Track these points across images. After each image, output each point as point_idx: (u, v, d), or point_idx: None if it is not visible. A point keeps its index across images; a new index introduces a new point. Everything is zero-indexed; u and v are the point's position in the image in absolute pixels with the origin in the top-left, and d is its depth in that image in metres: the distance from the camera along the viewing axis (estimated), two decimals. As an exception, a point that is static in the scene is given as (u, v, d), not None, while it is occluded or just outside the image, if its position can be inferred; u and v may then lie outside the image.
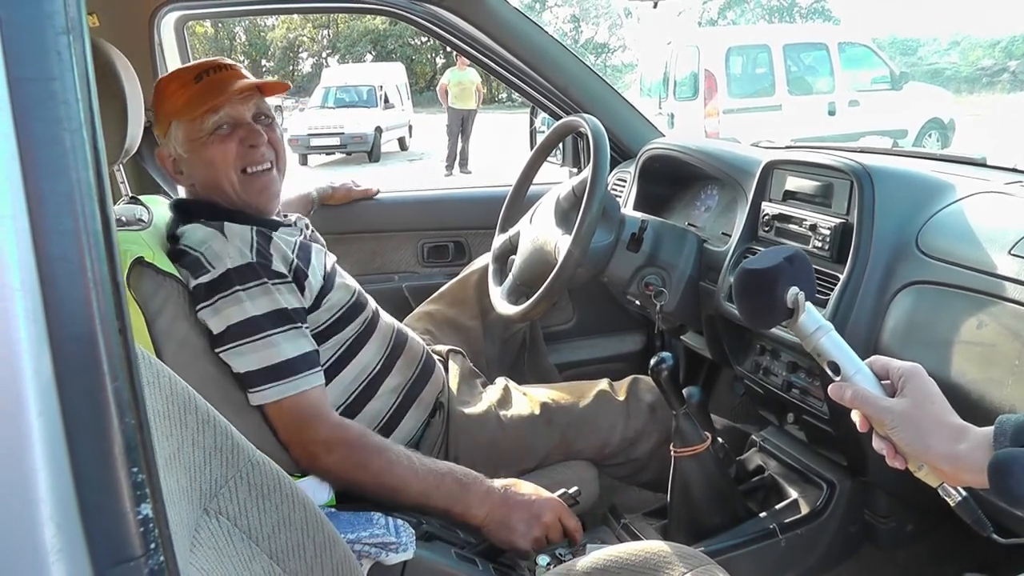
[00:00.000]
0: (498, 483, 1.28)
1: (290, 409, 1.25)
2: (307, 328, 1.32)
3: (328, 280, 1.41)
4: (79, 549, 0.34)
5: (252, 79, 1.39)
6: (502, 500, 1.25)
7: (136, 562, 0.35)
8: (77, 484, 0.34)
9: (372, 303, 1.51)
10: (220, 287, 1.25)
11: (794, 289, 0.81)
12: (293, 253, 1.35)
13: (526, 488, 1.29)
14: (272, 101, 1.44)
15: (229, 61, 1.40)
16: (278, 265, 1.31)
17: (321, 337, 1.37)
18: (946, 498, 0.80)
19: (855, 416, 0.81)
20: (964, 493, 0.80)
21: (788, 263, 0.82)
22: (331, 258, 1.49)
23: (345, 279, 1.48)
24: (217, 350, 1.25)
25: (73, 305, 0.33)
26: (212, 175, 1.35)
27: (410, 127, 15.38)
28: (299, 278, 1.34)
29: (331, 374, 1.38)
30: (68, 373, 0.34)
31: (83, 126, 0.33)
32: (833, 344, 0.82)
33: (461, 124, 11.32)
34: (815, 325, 0.82)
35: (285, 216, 1.50)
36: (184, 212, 1.38)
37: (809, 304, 0.82)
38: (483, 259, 1.90)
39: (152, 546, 0.35)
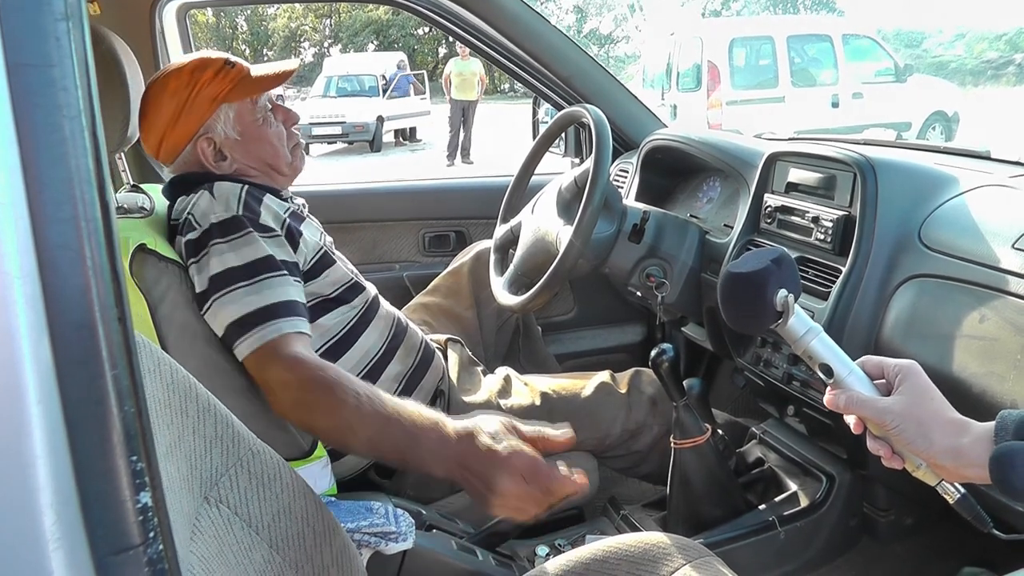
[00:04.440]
0: (455, 431, 1.04)
1: (266, 354, 1.18)
2: (299, 281, 1.28)
3: (326, 255, 1.40)
4: (78, 537, 0.34)
5: (278, 67, 1.42)
6: (457, 461, 1.02)
7: (135, 551, 0.35)
8: (76, 472, 0.34)
9: (372, 288, 1.51)
10: (204, 242, 1.23)
11: (783, 292, 0.79)
12: (285, 214, 1.34)
13: (484, 437, 1.02)
14: (272, 91, 1.44)
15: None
16: (267, 220, 1.28)
17: (326, 307, 1.37)
18: (945, 495, 0.79)
19: (849, 419, 0.80)
20: (963, 490, 0.79)
21: (775, 265, 0.80)
22: (327, 238, 1.48)
23: (345, 261, 1.48)
24: (202, 311, 1.22)
25: (73, 293, 0.33)
26: (270, 154, 1.39)
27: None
28: (292, 236, 1.32)
29: (334, 356, 1.38)
30: (67, 361, 0.33)
31: (82, 113, 0.33)
32: (824, 346, 0.80)
33: (462, 115, 11.30)
34: (804, 328, 0.80)
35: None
36: (179, 187, 1.36)
37: (798, 306, 0.80)
38: (473, 248, 1.90)
39: (151, 535, 0.35)
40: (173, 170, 1.40)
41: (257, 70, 1.39)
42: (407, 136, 14.94)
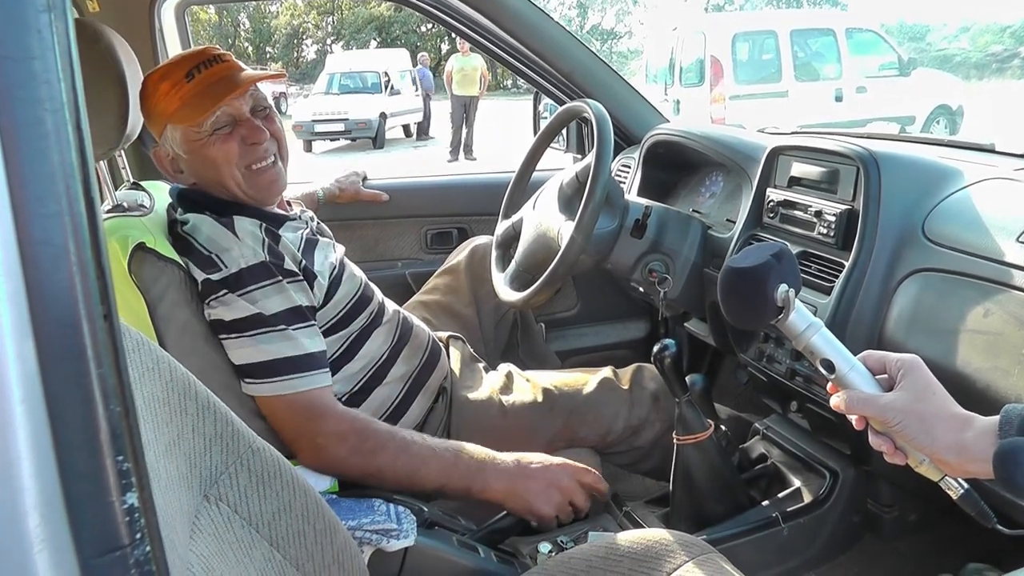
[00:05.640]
0: (508, 457, 1.29)
1: (298, 404, 1.24)
2: (318, 326, 1.32)
3: (336, 275, 1.39)
4: (64, 539, 0.34)
5: (247, 72, 1.34)
6: (518, 473, 1.27)
7: (122, 552, 0.34)
8: (61, 473, 0.33)
9: (378, 294, 1.51)
10: (233, 286, 1.24)
11: (784, 286, 0.78)
12: (300, 252, 1.34)
13: (535, 457, 1.31)
14: (276, 87, 1.42)
15: (219, 50, 1.35)
16: (289, 263, 1.29)
17: (329, 331, 1.36)
18: (948, 491, 0.79)
19: (851, 414, 0.80)
20: (966, 486, 0.79)
21: (775, 260, 0.79)
22: (339, 249, 1.47)
23: (353, 271, 1.47)
24: (223, 336, 1.24)
25: (57, 290, 0.33)
26: (216, 174, 1.33)
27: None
28: (308, 277, 1.33)
29: (338, 365, 1.38)
30: (52, 359, 0.33)
31: (65, 106, 0.32)
32: (825, 341, 0.79)
33: (464, 111, 11.30)
34: (805, 323, 0.79)
35: (289, 207, 1.48)
36: (188, 201, 1.36)
37: (798, 302, 0.79)
38: (468, 245, 1.89)
39: (138, 536, 0.35)
40: None
41: (213, 87, 1.29)
42: (420, 131, 14.93)
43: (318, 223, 1.53)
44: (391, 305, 1.53)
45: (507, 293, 1.62)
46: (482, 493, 1.25)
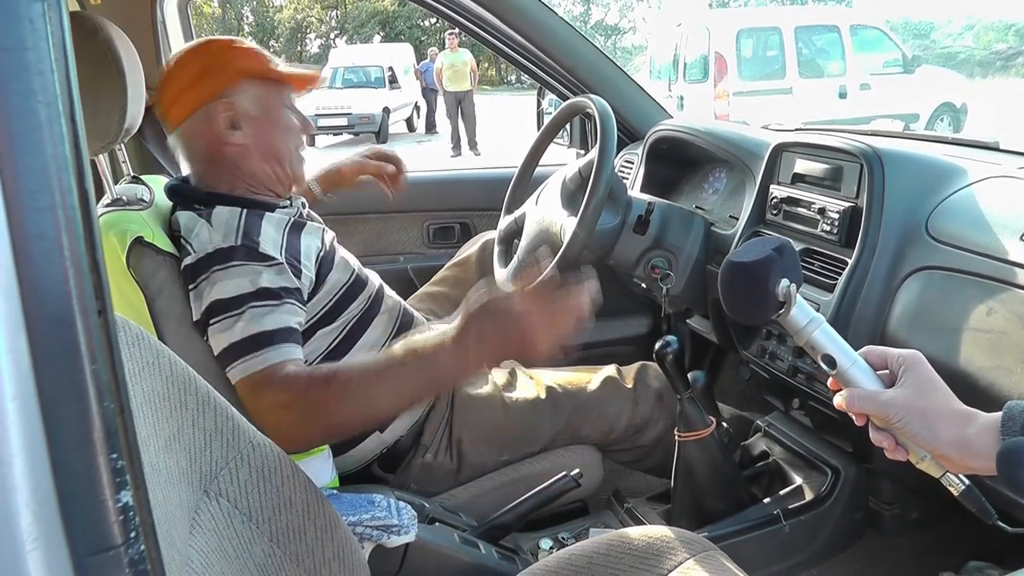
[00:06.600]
0: (462, 324, 1.08)
1: (251, 385, 1.16)
2: (297, 306, 1.25)
3: (326, 258, 1.38)
4: (57, 538, 0.33)
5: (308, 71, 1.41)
6: (488, 342, 1.07)
7: (116, 551, 0.34)
8: (54, 471, 0.33)
9: (376, 280, 1.49)
10: (201, 270, 1.21)
11: (785, 281, 0.77)
12: (283, 237, 1.30)
13: (495, 303, 1.08)
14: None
15: None
16: (267, 247, 1.25)
17: (324, 320, 1.35)
18: (949, 488, 0.78)
19: (852, 412, 0.79)
20: (967, 482, 0.78)
21: (777, 254, 0.78)
22: (329, 235, 1.46)
23: (345, 256, 1.46)
24: (205, 336, 1.23)
25: (50, 285, 0.32)
26: (280, 142, 1.35)
27: (417, 107, 15.34)
28: (292, 259, 1.29)
29: (339, 353, 1.37)
30: (45, 356, 0.32)
31: (59, 98, 0.32)
32: (827, 337, 0.79)
33: (458, 105, 11.31)
34: (807, 318, 0.79)
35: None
36: (180, 196, 1.34)
37: (800, 296, 0.79)
38: (479, 239, 1.88)
39: (132, 535, 0.34)
40: (176, 137, 1.35)
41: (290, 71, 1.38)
42: (428, 126, 14.95)
43: (308, 210, 1.51)
44: (391, 294, 1.52)
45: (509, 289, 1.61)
46: (459, 382, 1.15)
